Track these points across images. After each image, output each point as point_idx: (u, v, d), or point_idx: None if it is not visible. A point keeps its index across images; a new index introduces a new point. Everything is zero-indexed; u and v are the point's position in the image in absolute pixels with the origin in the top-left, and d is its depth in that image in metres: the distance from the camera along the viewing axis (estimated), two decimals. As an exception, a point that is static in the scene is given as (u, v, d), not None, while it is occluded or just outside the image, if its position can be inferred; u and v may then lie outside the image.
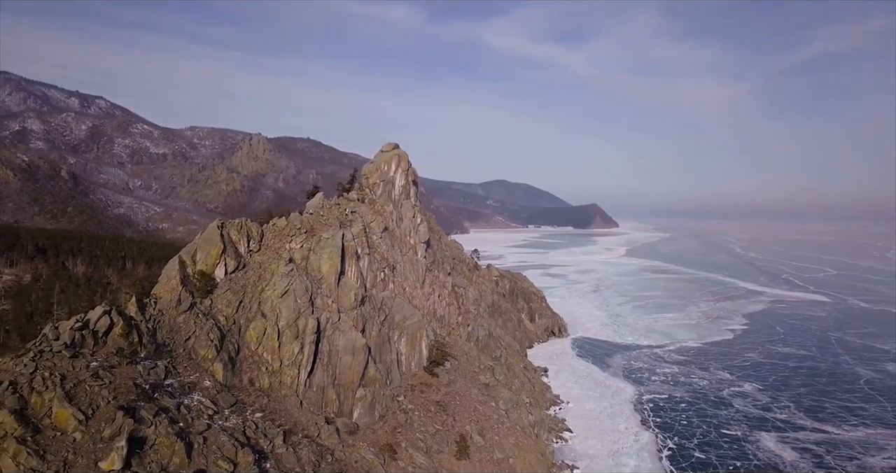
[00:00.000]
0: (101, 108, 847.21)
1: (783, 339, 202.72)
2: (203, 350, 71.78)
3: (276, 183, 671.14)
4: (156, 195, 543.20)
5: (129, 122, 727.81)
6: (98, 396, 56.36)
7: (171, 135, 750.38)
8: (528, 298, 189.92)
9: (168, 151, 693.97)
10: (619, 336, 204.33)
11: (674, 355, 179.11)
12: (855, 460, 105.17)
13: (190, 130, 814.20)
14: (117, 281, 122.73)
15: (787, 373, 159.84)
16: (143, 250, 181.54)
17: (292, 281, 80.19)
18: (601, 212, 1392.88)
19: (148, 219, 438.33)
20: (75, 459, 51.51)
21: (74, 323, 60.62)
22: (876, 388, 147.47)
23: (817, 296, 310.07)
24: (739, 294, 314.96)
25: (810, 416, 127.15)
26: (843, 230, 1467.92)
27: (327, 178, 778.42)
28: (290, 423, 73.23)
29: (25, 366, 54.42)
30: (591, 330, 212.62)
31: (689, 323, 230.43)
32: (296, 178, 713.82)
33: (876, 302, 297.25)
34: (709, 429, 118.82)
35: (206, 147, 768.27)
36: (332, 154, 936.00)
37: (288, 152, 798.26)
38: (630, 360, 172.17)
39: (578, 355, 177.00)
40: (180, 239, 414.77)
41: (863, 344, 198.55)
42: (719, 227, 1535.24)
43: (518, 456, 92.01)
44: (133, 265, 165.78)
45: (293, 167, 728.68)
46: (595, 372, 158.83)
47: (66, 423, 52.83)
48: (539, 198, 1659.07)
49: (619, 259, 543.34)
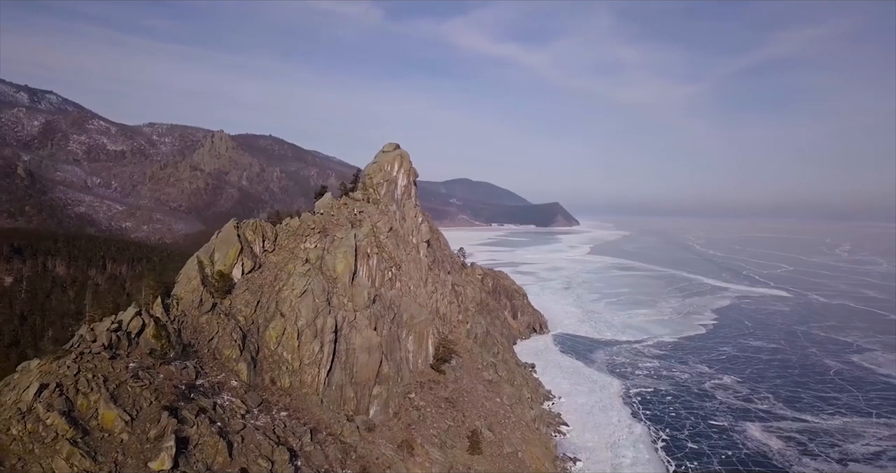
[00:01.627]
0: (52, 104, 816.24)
1: (753, 333, 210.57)
2: (227, 350, 71.98)
3: (240, 181, 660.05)
4: (116, 193, 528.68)
5: (84, 118, 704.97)
6: (140, 397, 56.46)
7: (129, 132, 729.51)
8: (510, 296, 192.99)
9: (126, 148, 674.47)
10: (597, 332, 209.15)
11: (653, 350, 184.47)
12: (836, 447, 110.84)
13: (148, 127, 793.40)
14: (129, 283, 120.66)
15: (761, 366, 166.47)
16: (121, 250, 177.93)
17: (310, 280, 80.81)
18: (562, 211, 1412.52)
19: (110, 218, 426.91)
20: (125, 459, 51.72)
21: (110, 325, 60.23)
22: (845, 379, 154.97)
23: (779, 292, 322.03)
24: (705, 290, 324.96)
25: (789, 406, 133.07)
26: (792, 228, 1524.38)
27: (291, 176, 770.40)
28: (313, 421, 74.02)
29: (69, 368, 54.19)
30: (570, 326, 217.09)
31: (662, 318, 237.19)
32: (259, 176, 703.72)
33: (833, 296, 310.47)
34: (697, 421, 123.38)
35: (166, 144, 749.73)
36: (294, 152, 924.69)
37: (250, 150, 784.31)
38: (612, 355, 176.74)
39: (562, 351, 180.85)
40: (144, 237, 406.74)
41: (827, 336, 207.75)
42: (676, 225, 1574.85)
43: (526, 450, 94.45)
44: (114, 265, 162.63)
45: (257, 165, 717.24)
46: (580, 367, 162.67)
47: (112, 424, 52.92)
48: (501, 197, 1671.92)
49: (585, 256, 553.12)
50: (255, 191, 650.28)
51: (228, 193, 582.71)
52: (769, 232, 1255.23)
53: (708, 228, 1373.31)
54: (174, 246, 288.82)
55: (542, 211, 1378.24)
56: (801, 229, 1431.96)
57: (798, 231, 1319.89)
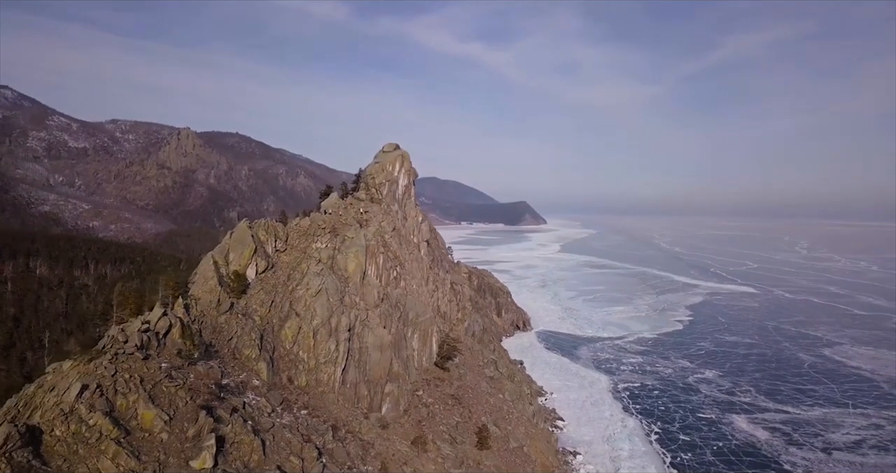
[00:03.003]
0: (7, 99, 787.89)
1: (728, 329, 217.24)
2: (247, 349, 72.29)
3: (208, 179, 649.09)
4: (80, 192, 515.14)
5: (43, 114, 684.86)
6: (176, 397, 56.69)
7: (91, 129, 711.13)
8: (495, 294, 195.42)
9: (89, 145, 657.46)
10: (579, 329, 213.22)
11: (634, 346, 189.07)
12: (819, 437, 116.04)
13: (111, 124, 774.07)
14: (122, 283, 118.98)
15: (739, 360, 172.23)
16: (102, 250, 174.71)
17: (324, 280, 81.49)
18: (530, 210, 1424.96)
19: (76, 217, 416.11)
20: (167, 459, 52.00)
21: (141, 325, 60.20)
22: (820, 371, 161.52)
23: (746, 288, 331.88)
24: (677, 287, 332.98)
25: (770, 398, 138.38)
26: (750, 225, 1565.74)
27: (260, 175, 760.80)
28: (332, 419, 74.83)
29: (106, 369, 54.10)
30: (552, 323, 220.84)
31: (639, 315, 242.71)
32: (228, 174, 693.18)
33: (797, 292, 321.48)
34: (685, 414, 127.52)
35: (130, 141, 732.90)
36: (262, 150, 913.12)
37: (217, 147, 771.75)
38: (596, 352, 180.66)
39: (547, 348, 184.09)
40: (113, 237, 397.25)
41: (797, 331, 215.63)
42: (641, 223, 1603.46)
43: (530, 445, 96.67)
44: (97, 266, 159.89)
45: (224, 163, 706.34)
46: (567, 363, 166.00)
47: (151, 424, 53.11)
48: (469, 196, 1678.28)
49: (556, 255, 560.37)
50: (224, 190, 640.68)
51: (197, 192, 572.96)
52: (729, 229, 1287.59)
53: (671, 226, 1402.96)
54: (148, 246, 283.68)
55: (511, 209, 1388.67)
56: (759, 227, 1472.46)
57: (756, 228, 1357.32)
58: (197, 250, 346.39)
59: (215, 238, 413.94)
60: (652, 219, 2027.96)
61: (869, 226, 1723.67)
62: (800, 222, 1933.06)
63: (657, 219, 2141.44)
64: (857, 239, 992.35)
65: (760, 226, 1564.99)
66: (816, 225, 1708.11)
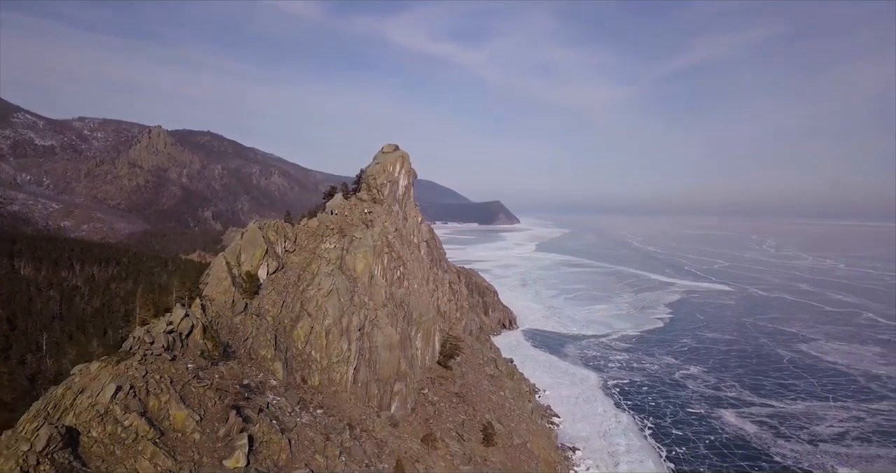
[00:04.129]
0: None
1: (707, 326, 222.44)
2: (263, 350, 72.71)
3: (181, 178, 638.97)
4: (49, 191, 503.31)
5: (7, 111, 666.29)
6: (204, 397, 57.12)
7: (59, 127, 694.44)
8: (482, 293, 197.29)
9: (56, 144, 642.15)
10: (563, 327, 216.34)
11: (619, 343, 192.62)
12: (804, 429, 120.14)
13: (79, 121, 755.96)
14: (117, 284, 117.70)
15: (721, 356, 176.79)
16: (86, 251, 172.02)
17: (335, 280, 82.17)
18: (504, 209, 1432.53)
19: (46, 217, 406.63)
20: (200, 458, 52.48)
21: (166, 326, 60.33)
22: (799, 366, 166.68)
23: (721, 286, 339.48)
24: (654, 285, 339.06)
25: (755, 393, 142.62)
26: (719, 224, 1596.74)
27: (233, 174, 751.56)
28: (346, 418, 75.62)
29: (136, 370, 54.26)
30: (537, 322, 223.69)
31: (621, 313, 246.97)
32: (200, 173, 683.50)
33: (770, 289, 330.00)
34: (676, 409, 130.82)
35: (99, 139, 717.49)
36: (234, 148, 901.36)
37: (189, 146, 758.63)
38: (582, 349, 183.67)
39: (534, 346, 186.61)
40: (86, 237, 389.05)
41: (774, 327, 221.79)
42: (611, 222, 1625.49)
43: (532, 441, 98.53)
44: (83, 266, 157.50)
45: (197, 162, 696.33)
46: (556, 361, 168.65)
47: (183, 424, 53.53)
48: (442, 195, 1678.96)
49: (533, 254, 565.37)
50: (197, 189, 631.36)
51: (170, 191, 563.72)
52: (698, 228, 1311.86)
53: (642, 225, 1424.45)
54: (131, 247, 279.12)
55: (484, 209, 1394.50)
56: (727, 226, 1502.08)
57: (724, 227, 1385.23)
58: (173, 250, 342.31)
59: (192, 238, 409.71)
60: (623, 219, 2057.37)
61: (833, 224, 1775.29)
62: (767, 221, 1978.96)
63: (628, 218, 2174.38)
64: (822, 237, 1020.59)
65: (728, 225, 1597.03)
66: (783, 224, 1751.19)
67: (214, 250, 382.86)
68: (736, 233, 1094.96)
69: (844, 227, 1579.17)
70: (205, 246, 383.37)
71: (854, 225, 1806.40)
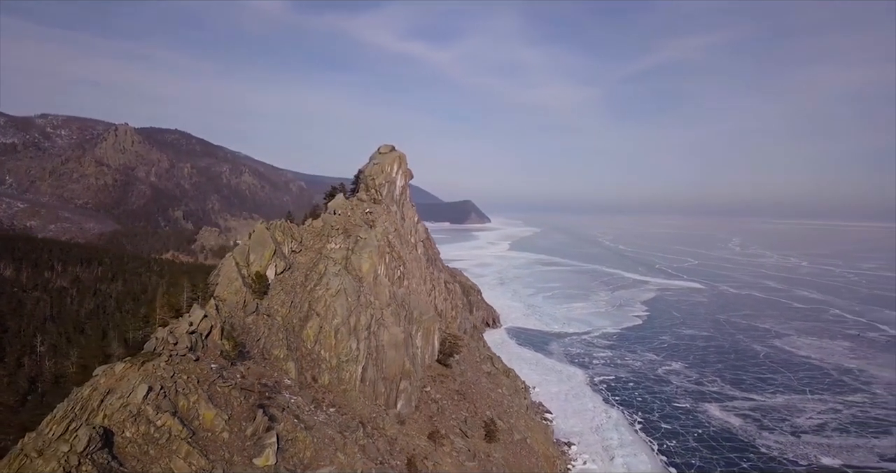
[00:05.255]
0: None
1: (684, 323, 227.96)
2: (275, 350, 73.13)
3: (149, 177, 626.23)
4: (12, 190, 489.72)
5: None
6: (230, 396, 57.59)
7: (20, 124, 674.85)
8: (466, 292, 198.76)
9: (18, 141, 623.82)
10: (545, 325, 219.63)
11: (601, 340, 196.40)
12: (786, 421, 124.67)
13: (41, 118, 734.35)
14: (107, 285, 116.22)
15: (700, 352, 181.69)
16: (65, 251, 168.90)
17: (342, 280, 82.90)
18: (475, 208, 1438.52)
19: (12, 217, 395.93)
20: (231, 457, 53.03)
21: (188, 327, 60.49)
22: (775, 361, 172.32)
23: (693, 284, 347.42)
24: (629, 283, 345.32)
25: (736, 387, 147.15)
26: (685, 223, 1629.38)
27: (203, 173, 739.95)
28: (357, 417, 76.47)
29: (164, 370, 54.45)
30: (518, 320, 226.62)
31: (599, 311, 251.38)
32: (169, 172, 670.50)
33: (740, 287, 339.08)
34: (662, 404, 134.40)
35: (63, 137, 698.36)
36: (203, 147, 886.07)
37: (157, 144, 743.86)
38: (566, 347, 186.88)
39: (519, 344, 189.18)
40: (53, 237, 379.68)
41: (747, 324, 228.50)
42: (580, 221, 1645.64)
43: (531, 437, 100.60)
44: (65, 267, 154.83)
45: (166, 160, 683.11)
46: (541, 358, 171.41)
47: (212, 423, 54.01)
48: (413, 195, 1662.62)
49: (507, 253, 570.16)
50: (167, 188, 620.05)
51: (139, 190, 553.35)
52: (664, 227, 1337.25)
53: (610, 224, 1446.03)
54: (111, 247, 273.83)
55: (456, 208, 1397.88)
56: (693, 225, 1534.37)
57: (689, 226, 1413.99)
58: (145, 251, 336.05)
59: (164, 238, 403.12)
60: (591, 217, 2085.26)
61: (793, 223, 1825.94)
62: (731, 220, 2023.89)
63: (596, 217, 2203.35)
64: (783, 236, 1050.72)
65: (693, 224, 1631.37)
66: (746, 223, 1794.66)
67: (188, 250, 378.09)
68: (701, 232, 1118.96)
69: (804, 226, 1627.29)
70: (178, 246, 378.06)
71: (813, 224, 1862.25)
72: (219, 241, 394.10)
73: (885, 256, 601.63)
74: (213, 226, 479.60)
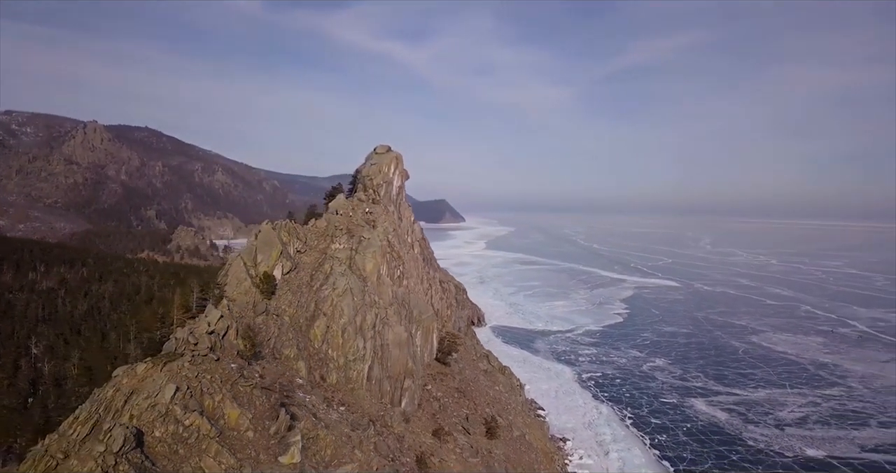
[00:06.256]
0: None
1: (663, 320, 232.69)
2: (286, 349, 73.52)
3: (120, 175, 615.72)
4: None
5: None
6: (252, 395, 58.12)
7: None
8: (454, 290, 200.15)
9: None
10: (529, 323, 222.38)
11: (585, 338, 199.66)
12: (769, 414, 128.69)
13: (5, 115, 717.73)
14: (99, 286, 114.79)
15: (682, 349, 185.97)
16: (46, 251, 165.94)
17: (348, 279, 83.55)
18: (450, 208, 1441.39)
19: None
20: (257, 456, 53.61)
21: (207, 327, 60.75)
22: (754, 357, 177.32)
23: (668, 282, 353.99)
24: (606, 282, 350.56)
25: (719, 382, 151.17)
26: (655, 222, 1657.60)
27: (175, 171, 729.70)
28: (366, 415, 77.30)
29: (188, 370, 54.74)
30: (502, 318, 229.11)
31: (580, 309, 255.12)
32: (140, 171, 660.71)
33: (714, 285, 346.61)
34: (650, 399, 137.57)
35: (29, 134, 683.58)
36: (175, 145, 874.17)
37: (127, 142, 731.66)
38: (551, 344, 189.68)
39: (504, 342, 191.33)
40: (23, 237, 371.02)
41: (724, 321, 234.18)
42: (553, 221, 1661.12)
43: (529, 433, 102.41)
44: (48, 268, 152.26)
45: (136, 158, 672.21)
46: (529, 356, 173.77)
47: (237, 423, 54.56)
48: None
49: (484, 252, 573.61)
50: (138, 187, 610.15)
51: (110, 189, 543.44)
52: (636, 226, 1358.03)
53: (583, 223, 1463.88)
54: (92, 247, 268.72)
55: (430, 207, 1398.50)
56: (661, 223, 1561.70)
57: (659, 225, 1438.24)
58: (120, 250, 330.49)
59: (139, 237, 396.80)
60: (563, 216, 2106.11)
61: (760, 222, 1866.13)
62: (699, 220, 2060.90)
63: (568, 216, 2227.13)
64: (751, 235, 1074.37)
65: (664, 223, 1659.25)
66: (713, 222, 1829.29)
67: (163, 250, 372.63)
68: (672, 231, 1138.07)
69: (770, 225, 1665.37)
70: (153, 246, 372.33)
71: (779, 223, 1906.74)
72: (195, 241, 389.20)
73: (848, 254, 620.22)
74: (186, 226, 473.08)
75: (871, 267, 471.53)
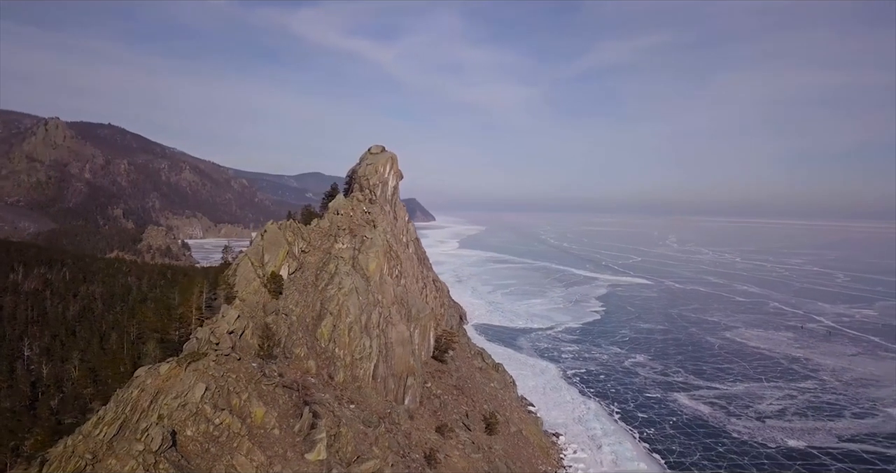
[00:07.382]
0: None
1: (639, 317, 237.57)
2: (297, 348, 74.16)
3: (84, 173, 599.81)
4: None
5: None
6: (275, 394, 58.80)
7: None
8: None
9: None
10: (509, 321, 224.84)
11: (565, 335, 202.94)
12: (749, 407, 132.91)
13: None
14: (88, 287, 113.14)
15: (660, 345, 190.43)
16: (22, 252, 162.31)
17: (353, 279, 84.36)
18: (420, 207, 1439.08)
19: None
20: (285, 452, 54.40)
21: (227, 326, 61.09)
22: (729, 352, 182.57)
23: (641, 280, 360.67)
24: (580, 280, 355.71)
25: (699, 377, 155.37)
26: (621, 221, 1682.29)
27: (141, 169, 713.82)
28: (375, 412, 78.28)
29: (214, 370, 55.15)
30: (483, 317, 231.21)
31: (558, 307, 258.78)
32: (105, 169, 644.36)
33: (685, 282, 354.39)
34: (635, 394, 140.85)
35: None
36: (140, 142, 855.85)
37: (90, 139, 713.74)
38: (534, 342, 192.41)
39: (488, 340, 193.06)
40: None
41: (698, 317, 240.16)
42: (521, 219, 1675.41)
43: (525, 428, 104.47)
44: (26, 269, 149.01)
45: (101, 156, 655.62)
46: (513, 353, 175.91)
47: (263, 420, 55.29)
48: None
49: (458, 251, 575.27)
50: (103, 185, 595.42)
51: (75, 187, 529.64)
52: (602, 225, 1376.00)
53: (552, 222, 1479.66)
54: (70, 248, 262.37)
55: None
56: (629, 223, 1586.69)
57: (626, 224, 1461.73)
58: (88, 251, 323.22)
59: (107, 237, 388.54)
60: (533, 216, 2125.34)
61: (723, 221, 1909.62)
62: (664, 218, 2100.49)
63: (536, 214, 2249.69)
64: (714, 233, 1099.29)
65: (630, 221, 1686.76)
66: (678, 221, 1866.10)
67: (133, 250, 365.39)
68: (639, 230, 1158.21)
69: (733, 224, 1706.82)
70: (122, 245, 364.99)
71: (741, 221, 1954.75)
72: (166, 240, 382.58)
73: (808, 252, 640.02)
74: (154, 225, 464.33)
75: (832, 265, 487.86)
